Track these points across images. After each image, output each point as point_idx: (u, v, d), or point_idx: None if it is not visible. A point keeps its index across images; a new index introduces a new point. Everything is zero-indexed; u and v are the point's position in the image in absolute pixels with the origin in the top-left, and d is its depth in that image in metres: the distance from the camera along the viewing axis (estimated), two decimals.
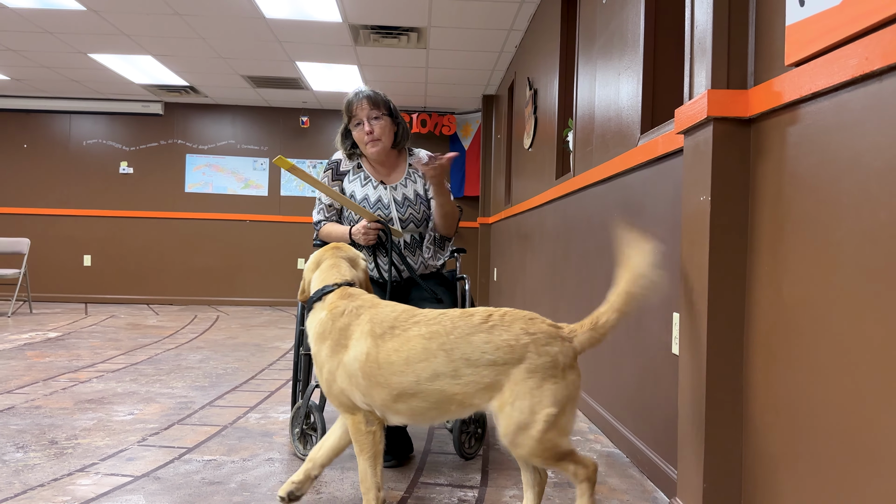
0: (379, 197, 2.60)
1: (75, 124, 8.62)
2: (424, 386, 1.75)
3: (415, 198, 2.64)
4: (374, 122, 2.57)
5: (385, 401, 1.82)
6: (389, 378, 1.78)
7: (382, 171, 2.66)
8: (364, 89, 2.62)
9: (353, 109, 2.58)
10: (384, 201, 2.60)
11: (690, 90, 1.91)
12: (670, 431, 2.24)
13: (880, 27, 1.24)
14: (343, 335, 1.88)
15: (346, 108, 2.61)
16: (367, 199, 2.60)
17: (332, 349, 1.88)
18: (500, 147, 7.27)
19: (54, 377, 3.84)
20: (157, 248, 8.62)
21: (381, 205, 2.60)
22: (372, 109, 2.57)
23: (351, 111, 2.59)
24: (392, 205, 2.60)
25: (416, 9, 5.11)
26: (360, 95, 2.59)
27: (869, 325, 1.29)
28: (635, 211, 2.66)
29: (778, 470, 1.60)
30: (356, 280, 2.07)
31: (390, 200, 2.60)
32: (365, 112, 2.57)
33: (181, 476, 2.28)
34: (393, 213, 2.59)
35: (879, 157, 1.27)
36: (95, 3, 5.20)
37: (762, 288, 1.68)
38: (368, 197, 2.60)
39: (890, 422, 1.23)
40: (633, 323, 2.66)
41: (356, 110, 2.58)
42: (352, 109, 2.59)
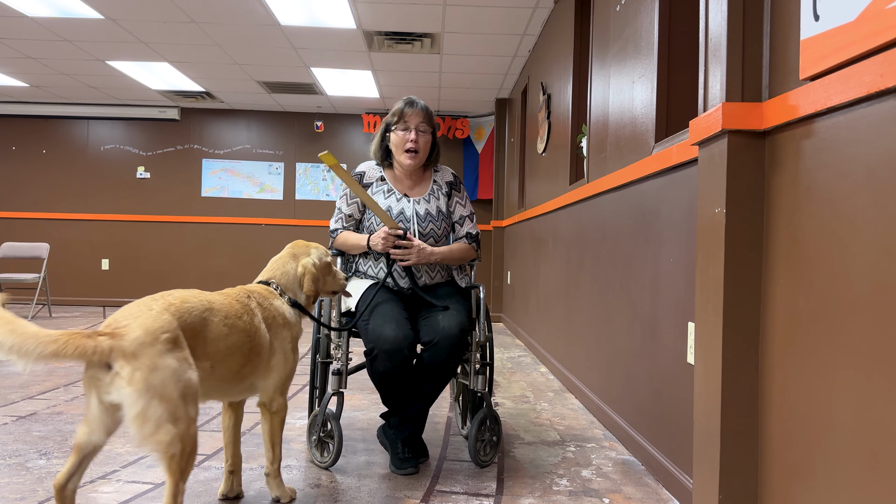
0: (402, 209, 2.63)
1: (93, 130, 8.72)
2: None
3: (437, 213, 2.66)
4: (420, 133, 2.61)
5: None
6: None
7: (407, 183, 2.69)
8: (421, 101, 2.66)
9: (405, 114, 2.61)
10: (406, 214, 2.63)
11: (705, 102, 1.92)
12: (686, 440, 2.25)
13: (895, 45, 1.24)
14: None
15: (396, 111, 2.63)
16: (389, 211, 2.63)
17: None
18: (513, 151, 7.28)
19: (74, 382, 3.89)
20: (174, 251, 8.70)
21: (402, 217, 2.63)
22: (422, 122, 2.61)
23: (403, 115, 2.61)
24: (414, 218, 2.63)
25: (430, 15, 5.13)
26: (418, 105, 2.64)
27: (886, 339, 1.29)
28: (650, 219, 2.67)
29: (794, 482, 1.60)
30: (276, 280, 2.13)
31: (412, 213, 2.63)
32: (415, 121, 2.60)
33: (200, 484, 2.31)
34: (413, 227, 2.63)
35: (895, 174, 1.27)
36: (113, 12, 5.27)
37: (778, 300, 1.69)
38: (391, 209, 2.63)
39: None
40: (648, 331, 2.67)
41: (409, 116, 2.61)
42: (404, 114, 2.61)
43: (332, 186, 8.78)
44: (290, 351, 2.06)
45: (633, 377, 2.85)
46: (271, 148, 8.80)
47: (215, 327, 1.83)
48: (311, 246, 2.23)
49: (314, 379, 2.70)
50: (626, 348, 2.95)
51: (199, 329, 1.79)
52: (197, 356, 1.76)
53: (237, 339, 1.88)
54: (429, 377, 2.45)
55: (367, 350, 2.38)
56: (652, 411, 2.61)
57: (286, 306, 2.09)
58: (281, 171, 8.78)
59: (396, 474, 2.46)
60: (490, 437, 2.63)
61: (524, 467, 2.58)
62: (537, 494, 2.29)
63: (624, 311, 2.99)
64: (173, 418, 1.62)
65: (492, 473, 2.51)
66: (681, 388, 2.31)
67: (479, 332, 2.65)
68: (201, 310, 1.82)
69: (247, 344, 1.91)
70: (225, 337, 1.85)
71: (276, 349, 2.02)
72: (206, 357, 1.80)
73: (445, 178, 2.78)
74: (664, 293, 2.50)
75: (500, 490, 2.33)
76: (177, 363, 1.66)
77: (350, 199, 2.70)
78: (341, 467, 2.52)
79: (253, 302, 2.00)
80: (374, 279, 2.65)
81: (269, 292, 2.09)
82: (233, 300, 1.96)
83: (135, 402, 1.59)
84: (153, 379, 1.60)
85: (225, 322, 1.86)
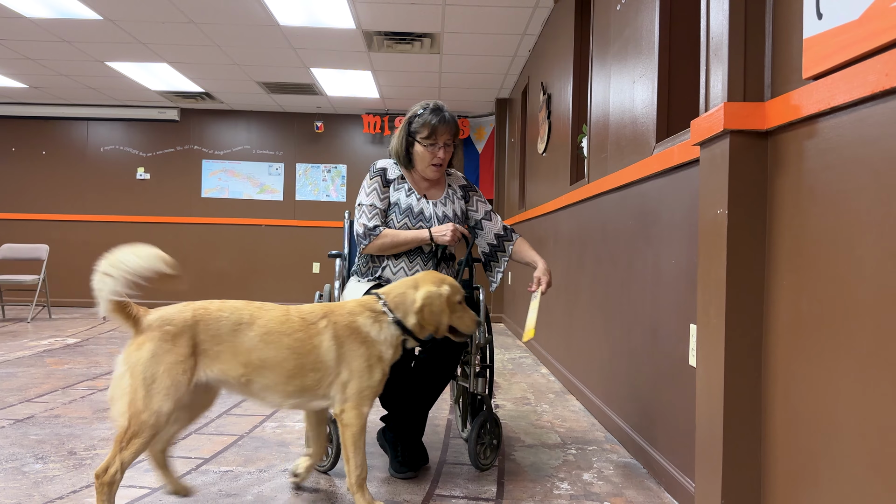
0: (421, 209, 2.61)
1: (93, 131, 8.71)
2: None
3: (453, 216, 2.64)
4: (445, 148, 2.58)
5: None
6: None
7: (424, 185, 2.67)
8: (448, 114, 2.59)
9: (437, 132, 2.55)
10: (426, 214, 2.60)
11: (706, 101, 1.90)
12: (688, 443, 2.23)
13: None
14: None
15: (427, 126, 2.55)
16: (410, 209, 2.59)
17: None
18: (513, 151, 7.26)
19: (73, 385, 3.87)
20: (174, 252, 8.67)
21: (422, 217, 2.60)
22: (450, 137, 2.59)
23: (435, 132, 2.55)
24: (433, 219, 2.60)
25: (430, 15, 5.11)
26: (447, 121, 2.56)
27: (891, 343, 1.27)
28: (651, 220, 2.65)
29: (798, 487, 1.58)
30: (387, 297, 2.14)
31: (432, 214, 2.61)
32: (444, 138, 2.57)
33: (198, 488, 2.29)
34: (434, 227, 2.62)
35: None
36: (112, 13, 5.25)
37: (781, 303, 1.66)
38: (412, 207, 2.60)
39: None
40: (649, 333, 2.65)
41: (440, 134, 2.55)
42: (436, 131, 2.55)
43: (332, 187, 8.76)
44: (366, 368, 2.04)
45: (634, 379, 2.83)
46: (271, 149, 8.78)
47: (248, 340, 1.96)
48: (446, 280, 2.18)
49: None
50: (627, 350, 2.93)
51: (224, 338, 1.95)
52: (221, 362, 1.95)
53: (276, 354, 1.97)
54: (427, 379, 2.43)
55: None
56: (654, 414, 2.58)
57: (373, 325, 2.07)
58: (281, 172, 8.76)
59: (396, 478, 2.44)
60: (490, 441, 2.61)
61: (525, 470, 2.56)
62: (538, 498, 2.27)
63: (625, 312, 2.97)
64: (131, 396, 1.87)
65: (492, 477, 2.48)
66: (683, 390, 2.29)
67: (479, 334, 2.62)
68: (234, 321, 1.97)
69: (291, 360, 1.98)
70: (258, 350, 1.96)
71: (346, 365, 2.03)
72: (239, 366, 1.95)
73: (459, 182, 2.77)
74: (665, 295, 2.48)
75: (500, 494, 2.31)
76: (155, 353, 1.89)
77: (381, 194, 2.59)
78: (340, 471, 2.50)
79: (323, 321, 2.04)
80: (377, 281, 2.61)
81: (361, 308, 2.10)
82: (289, 317, 2.02)
83: (117, 368, 1.93)
84: (132, 356, 1.90)
85: (263, 337, 1.97)
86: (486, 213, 2.76)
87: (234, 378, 1.96)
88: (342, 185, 8.76)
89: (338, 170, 8.76)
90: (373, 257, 2.61)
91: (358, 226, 2.56)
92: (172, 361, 1.89)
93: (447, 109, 2.62)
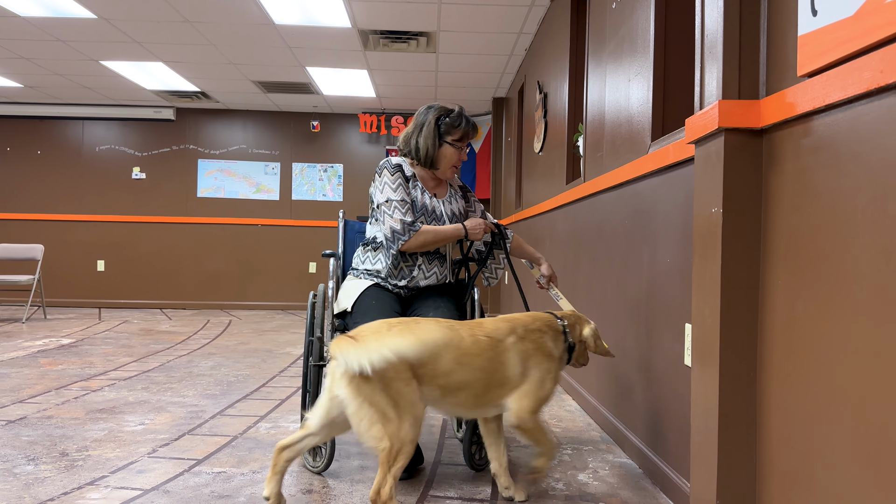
0: (433, 207, 2.62)
1: (88, 130, 8.68)
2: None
3: (458, 214, 2.68)
4: (464, 150, 2.65)
5: None
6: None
7: (431, 184, 2.68)
8: (471, 117, 2.66)
9: (469, 134, 2.62)
10: (437, 212, 2.61)
11: (701, 99, 1.88)
12: (684, 443, 2.21)
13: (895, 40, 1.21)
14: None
15: (460, 129, 2.59)
16: (425, 208, 2.59)
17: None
18: (510, 150, 7.24)
19: (66, 386, 3.85)
20: (170, 252, 8.66)
21: (435, 215, 2.60)
22: (470, 140, 2.67)
23: (468, 135, 2.62)
24: (445, 217, 2.62)
25: (426, 13, 5.09)
26: (474, 126, 2.65)
27: (887, 342, 1.26)
28: (646, 219, 2.63)
29: (793, 488, 1.57)
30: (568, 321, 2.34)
31: (442, 213, 2.62)
32: (469, 140, 2.65)
33: (190, 489, 2.27)
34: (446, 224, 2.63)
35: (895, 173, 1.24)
36: (106, 12, 5.22)
37: (776, 302, 1.65)
38: (427, 206, 2.60)
39: None
40: (644, 332, 2.64)
41: (470, 136, 2.64)
42: (468, 133, 2.62)
43: (328, 186, 8.73)
44: (549, 380, 2.16)
45: (629, 379, 2.82)
46: (267, 148, 8.75)
47: (445, 363, 2.01)
48: (591, 322, 2.39)
49: (306, 383, 2.65)
50: (622, 349, 2.92)
51: (426, 361, 1.98)
52: (423, 384, 1.98)
53: (469, 376, 2.04)
54: None
55: None
56: (649, 414, 2.57)
57: (555, 344, 2.23)
58: (277, 172, 8.73)
59: None
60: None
61: (519, 471, 2.54)
62: (533, 499, 2.26)
63: (620, 311, 2.96)
64: (382, 421, 1.90)
65: (487, 477, 2.47)
66: (678, 390, 2.28)
67: None
68: (435, 345, 2.01)
69: (482, 381, 2.06)
70: (455, 373, 2.02)
71: (530, 376, 2.13)
72: (437, 388, 2.01)
73: (457, 183, 2.83)
74: (661, 294, 2.47)
75: (494, 495, 2.30)
76: (384, 379, 1.91)
77: (405, 189, 2.56)
78: (334, 472, 2.48)
79: (511, 338, 2.13)
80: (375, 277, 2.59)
81: (546, 327, 2.23)
82: (480, 337, 2.09)
83: (350, 404, 1.92)
84: (364, 388, 1.90)
85: (458, 360, 2.02)
86: (482, 213, 2.82)
87: (430, 399, 2.02)
88: (339, 184, 8.74)
89: (334, 169, 8.74)
90: (404, 258, 2.55)
91: (394, 222, 2.48)
92: (403, 385, 1.93)
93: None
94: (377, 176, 2.62)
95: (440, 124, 2.59)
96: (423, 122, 2.61)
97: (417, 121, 2.64)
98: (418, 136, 2.61)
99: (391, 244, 2.50)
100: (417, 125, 2.63)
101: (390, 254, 2.54)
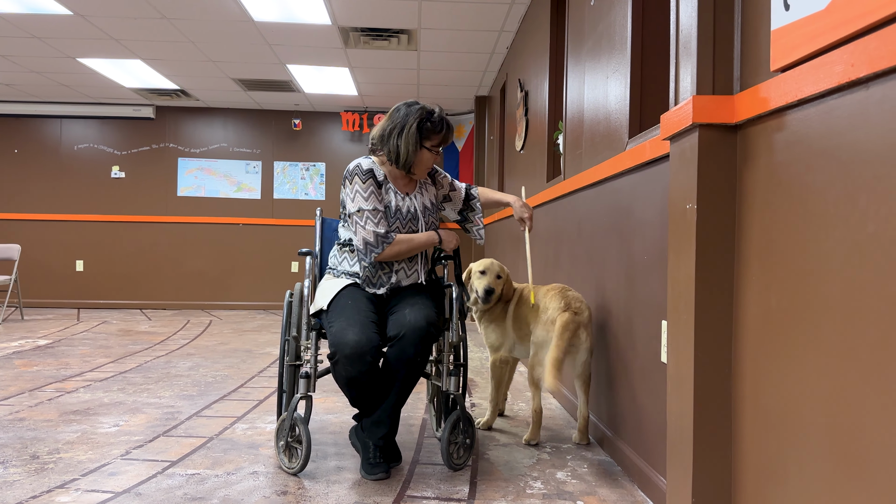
0: (408, 207, 2.59)
1: (66, 129, 8.57)
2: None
3: (431, 206, 2.68)
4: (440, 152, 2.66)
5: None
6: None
7: (402, 181, 2.65)
8: (448, 118, 2.64)
9: (448, 139, 2.62)
10: (412, 211, 2.60)
11: (676, 95, 1.87)
12: (661, 440, 2.21)
13: (866, 33, 1.20)
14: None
15: (439, 135, 2.57)
16: (399, 211, 2.56)
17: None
18: (492, 148, 7.23)
19: (41, 387, 3.79)
20: (150, 252, 8.56)
21: (410, 215, 2.58)
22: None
23: (446, 140, 2.61)
24: (419, 214, 2.61)
25: (406, 11, 5.07)
26: (451, 129, 2.64)
27: (857, 337, 1.25)
28: (624, 216, 2.63)
29: (768, 483, 1.56)
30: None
31: (416, 209, 2.61)
32: (446, 144, 2.64)
33: (163, 492, 2.24)
34: (420, 222, 2.61)
35: (867, 167, 1.23)
36: (82, 8, 5.15)
37: (750, 298, 1.65)
38: (400, 209, 2.57)
39: (879, 434, 1.19)
40: (622, 329, 2.63)
41: (448, 140, 2.63)
42: (447, 139, 2.61)
43: (310, 185, 8.68)
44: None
45: (608, 376, 2.81)
46: (248, 146, 8.68)
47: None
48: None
49: (282, 382, 2.62)
50: (601, 347, 2.91)
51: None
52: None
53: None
54: (397, 374, 2.39)
55: (330, 354, 2.31)
56: (627, 411, 2.56)
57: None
58: (258, 170, 8.67)
59: (367, 479, 2.40)
60: (463, 440, 2.57)
61: (498, 470, 2.53)
62: (510, 498, 2.24)
63: (600, 309, 2.95)
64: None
65: (465, 477, 2.45)
66: (655, 387, 2.27)
67: (451, 332, 2.59)
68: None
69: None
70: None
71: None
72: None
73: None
74: (639, 291, 2.46)
75: (472, 494, 2.28)
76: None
77: (378, 197, 2.52)
78: (310, 473, 2.45)
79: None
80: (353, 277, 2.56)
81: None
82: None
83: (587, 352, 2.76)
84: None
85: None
86: (450, 184, 2.85)
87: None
88: (321, 183, 8.69)
89: (316, 168, 8.68)
90: (382, 265, 2.54)
91: (366, 234, 2.46)
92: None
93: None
94: (347, 182, 2.54)
95: (422, 129, 2.53)
96: (403, 123, 2.53)
97: (396, 119, 2.55)
98: (398, 139, 2.52)
99: (364, 256, 2.50)
100: (397, 125, 2.54)
101: (363, 266, 2.55)
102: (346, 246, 2.61)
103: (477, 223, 2.87)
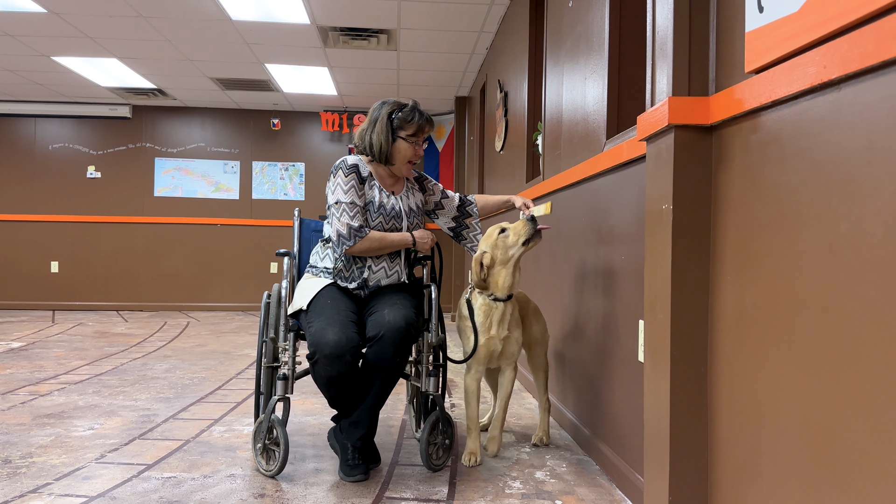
0: (392, 205, 2.59)
1: (41, 128, 8.44)
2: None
3: (417, 209, 2.68)
4: (421, 146, 2.63)
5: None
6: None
7: (389, 181, 2.65)
8: (425, 111, 2.64)
9: (423, 129, 2.59)
10: (397, 209, 2.59)
11: (652, 97, 1.89)
12: (638, 439, 2.22)
13: (838, 35, 1.21)
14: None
15: (414, 123, 2.56)
16: (383, 207, 2.56)
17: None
18: (473, 149, 7.24)
19: (13, 390, 3.73)
20: (127, 253, 8.46)
21: (394, 213, 2.58)
22: (427, 135, 2.64)
23: (421, 130, 2.59)
24: (403, 214, 2.60)
25: (385, 10, 5.05)
26: (430, 120, 2.63)
27: (831, 337, 1.27)
28: (602, 216, 2.64)
29: (743, 482, 1.57)
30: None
31: (401, 209, 2.60)
32: (424, 135, 2.62)
33: (138, 496, 2.21)
34: (404, 222, 2.61)
35: (839, 168, 1.24)
36: (55, 5, 5.07)
37: (725, 297, 1.66)
38: (384, 205, 2.57)
39: (852, 431, 1.21)
40: (600, 329, 2.64)
41: (424, 132, 2.61)
42: (422, 129, 2.59)
43: (290, 185, 8.63)
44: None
45: (587, 376, 2.82)
46: (227, 146, 8.61)
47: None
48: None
49: (259, 385, 2.60)
50: (580, 346, 2.92)
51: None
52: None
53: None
54: (376, 374, 2.37)
55: (310, 354, 2.30)
56: (606, 410, 2.58)
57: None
58: (237, 170, 8.60)
59: (345, 481, 2.39)
60: (443, 441, 2.57)
61: (477, 470, 2.53)
62: (489, 498, 2.24)
63: (578, 309, 2.96)
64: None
65: (444, 477, 2.45)
66: (633, 386, 2.28)
67: (431, 333, 2.59)
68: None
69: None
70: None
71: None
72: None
73: (412, 175, 2.79)
74: (616, 291, 2.47)
75: (451, 495, 2.28)
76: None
77: (359, 192, 2.53)
78: (288, 475, 2.43)
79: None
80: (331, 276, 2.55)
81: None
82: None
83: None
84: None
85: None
86: (442, 191, 2.84)
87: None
88: (300, 183, 8.64)
89: (296, 168, 8.64)
90: (355, 259, 2.55)
91: (340, 225, 2.47)
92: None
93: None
94: (332, 176, 2.58)
95: (393, 119, 2.56)
96: (376, 117, 2.59)
97: (371, 116, 2.61)
98: (371, 133, 2.58)
99: (336, 247, 2.51)
100: (371, 121, 2.60)
101: (334, 257, 2.56)
102: (328, 242, 2.60)
103: (474, 228, 2.86)
